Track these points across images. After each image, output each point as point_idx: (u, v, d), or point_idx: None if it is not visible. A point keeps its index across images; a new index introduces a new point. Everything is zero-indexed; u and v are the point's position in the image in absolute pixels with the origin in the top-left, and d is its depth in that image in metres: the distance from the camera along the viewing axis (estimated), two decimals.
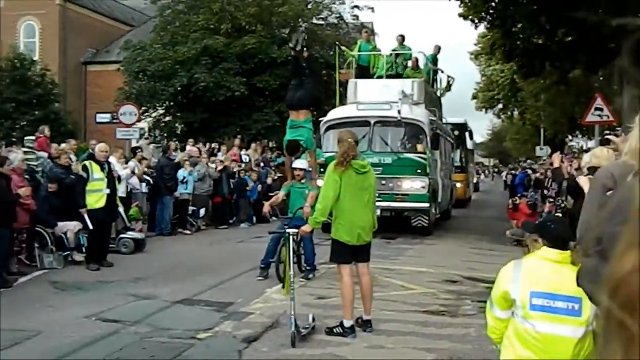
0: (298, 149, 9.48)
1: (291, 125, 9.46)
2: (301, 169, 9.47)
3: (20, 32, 33.78)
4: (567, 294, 3.08)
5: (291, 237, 6.93)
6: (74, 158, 13.47)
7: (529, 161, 35.60)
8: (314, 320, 6.56)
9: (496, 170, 77.51)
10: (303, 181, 9.49)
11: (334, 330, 6.42)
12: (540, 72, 22.07)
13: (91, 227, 10.22)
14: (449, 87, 19.64)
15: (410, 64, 17.33)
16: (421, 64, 17.56)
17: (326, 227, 7.75)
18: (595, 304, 2.78)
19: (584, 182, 5.27)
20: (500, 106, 43.37)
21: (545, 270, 3.19)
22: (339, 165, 6.25)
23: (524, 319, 3.17)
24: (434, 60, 18.64)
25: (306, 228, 6.71)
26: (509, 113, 44.09)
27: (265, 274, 9.30)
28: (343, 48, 18.43)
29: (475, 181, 36.88)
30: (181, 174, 15.39)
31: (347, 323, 6.36)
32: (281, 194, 9.66)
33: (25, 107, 26.96)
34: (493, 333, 3.38)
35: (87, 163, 10.43)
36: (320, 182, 8.98)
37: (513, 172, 33.49)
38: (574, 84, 25.76)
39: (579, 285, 2.73)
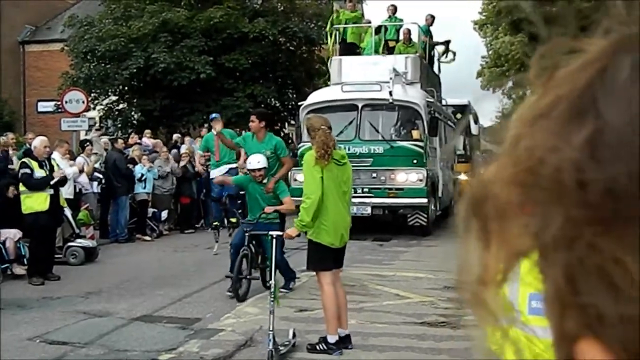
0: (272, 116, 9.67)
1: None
2: (259, 170, 8.89)
3: None
4: None
5: (274, 240, 6.90)
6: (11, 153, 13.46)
7: None
8: (294, 335, 6.65)
9: None
10: (265, 181, 9.10)
11: (317, 347, 6.52)
12: None
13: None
14: (446, 52, 19.73)
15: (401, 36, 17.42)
16: (414, 37, 17.66)
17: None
18: None
19: None
20: (511, 84, 43.58)
21: None
22: (320, 158, 6.32)
23: (522, 324, 3.26)
24: (427, 32, 18.72)
25: (291, 232, 6.85)
26: (521, 92, 44.37)
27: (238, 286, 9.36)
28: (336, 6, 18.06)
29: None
30: (138, 170, 15.39)
31: (332, 338, 6.46)
32: (230, 178, 9.99)
33: None
34: (494, 343, 3.48)
35: (25, 160, 10.43)
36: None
37: None
38: None
39: None
